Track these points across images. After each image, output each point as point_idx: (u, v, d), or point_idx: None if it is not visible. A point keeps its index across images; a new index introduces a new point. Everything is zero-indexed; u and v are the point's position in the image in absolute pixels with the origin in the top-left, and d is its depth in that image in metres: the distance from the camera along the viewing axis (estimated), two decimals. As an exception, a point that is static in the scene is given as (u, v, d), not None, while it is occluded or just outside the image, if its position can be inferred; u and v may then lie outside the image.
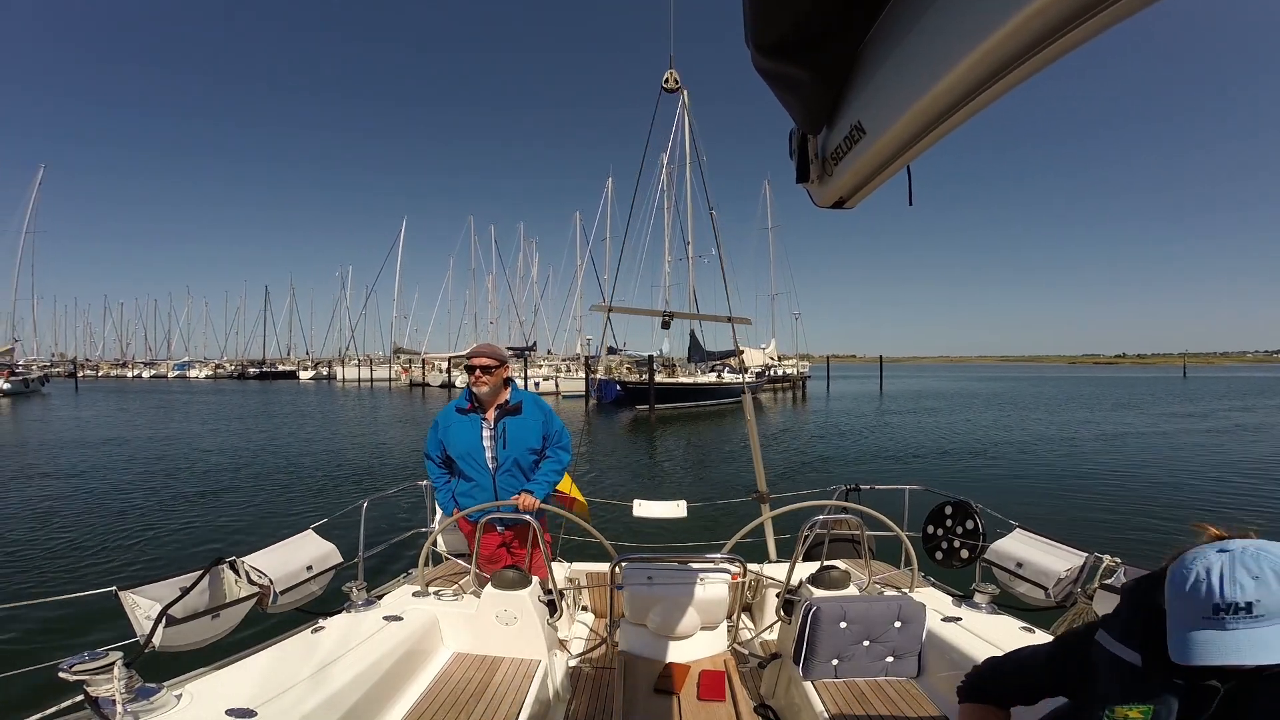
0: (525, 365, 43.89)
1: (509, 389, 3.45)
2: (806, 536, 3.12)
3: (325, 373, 77.47)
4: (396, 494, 4.16)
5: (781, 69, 1.05)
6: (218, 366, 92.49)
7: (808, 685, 2.46)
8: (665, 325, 4.44)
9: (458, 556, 3.66)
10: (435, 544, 3.45)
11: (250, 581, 2.50)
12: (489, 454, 3.33)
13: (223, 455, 16.29)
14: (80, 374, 71.80)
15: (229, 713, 1.75)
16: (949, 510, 3.28)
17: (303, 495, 11.49)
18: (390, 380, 62.56)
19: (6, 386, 40.99)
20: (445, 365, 55.18)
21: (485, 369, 3.30)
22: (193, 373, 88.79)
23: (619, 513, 4.30)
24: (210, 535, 8.72)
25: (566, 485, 3.80)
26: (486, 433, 3.34)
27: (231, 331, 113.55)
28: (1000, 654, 1.61)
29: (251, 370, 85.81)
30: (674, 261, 38.83)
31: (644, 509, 3.88)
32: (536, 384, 40.85)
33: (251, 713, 1.77)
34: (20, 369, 47.67)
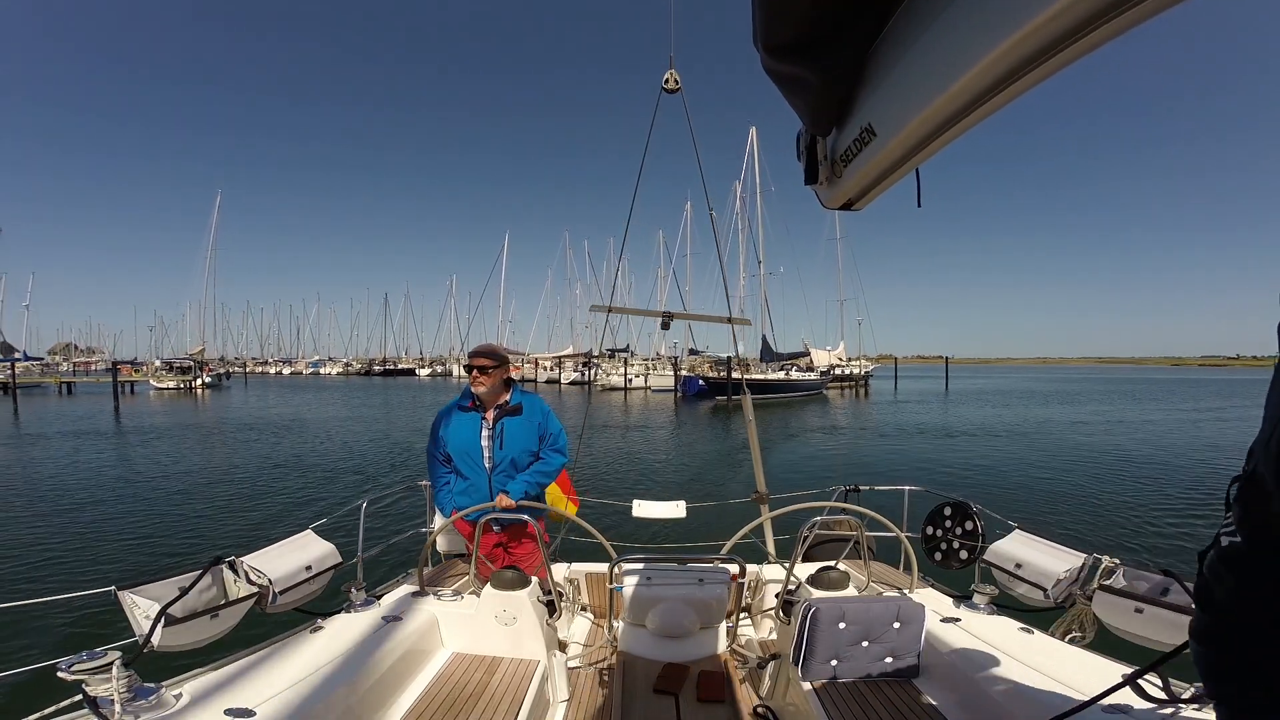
0: (625, 364, 52.44)
1: (510, 390, 3.44)
2: (805, 537, 3.11)
3: (440, 370, 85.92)
4: (396, 494, 4.18)
5: (791, 71, 1.05)
6: (347, 364, 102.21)
7: (807, 686, 2.45)
8: (665, 326, 4.41)
9: (457, 557, 3.69)
10: (434, 544, 3.46)
11: (249, 581, 2.49)
12: (486, 454, 3.32)
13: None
14: (229, 370, 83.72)
15: (228, 713, 1.76)
16: (948, 511, 3.25)
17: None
18: (504, 376, 68.11)
19: (209, 380, 54.88)
20: (549, 364, 65.78)
21: (482, 369, 3.29)
22: (324, 370, 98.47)
23: (619, 513, 4.32)
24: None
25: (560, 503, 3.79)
26: (485, 432, 3.34)
27: (354, 333, 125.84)
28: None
29: (376, 368, 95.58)
30: (748, 278, 47.03)
31: (643, 509, 3.85)
32: (630, 380, 49.90)
33: (250, 713, 1.78)
34: (212, 367, 61.14)
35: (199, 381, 52.84)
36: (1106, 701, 1.81)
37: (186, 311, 66.82)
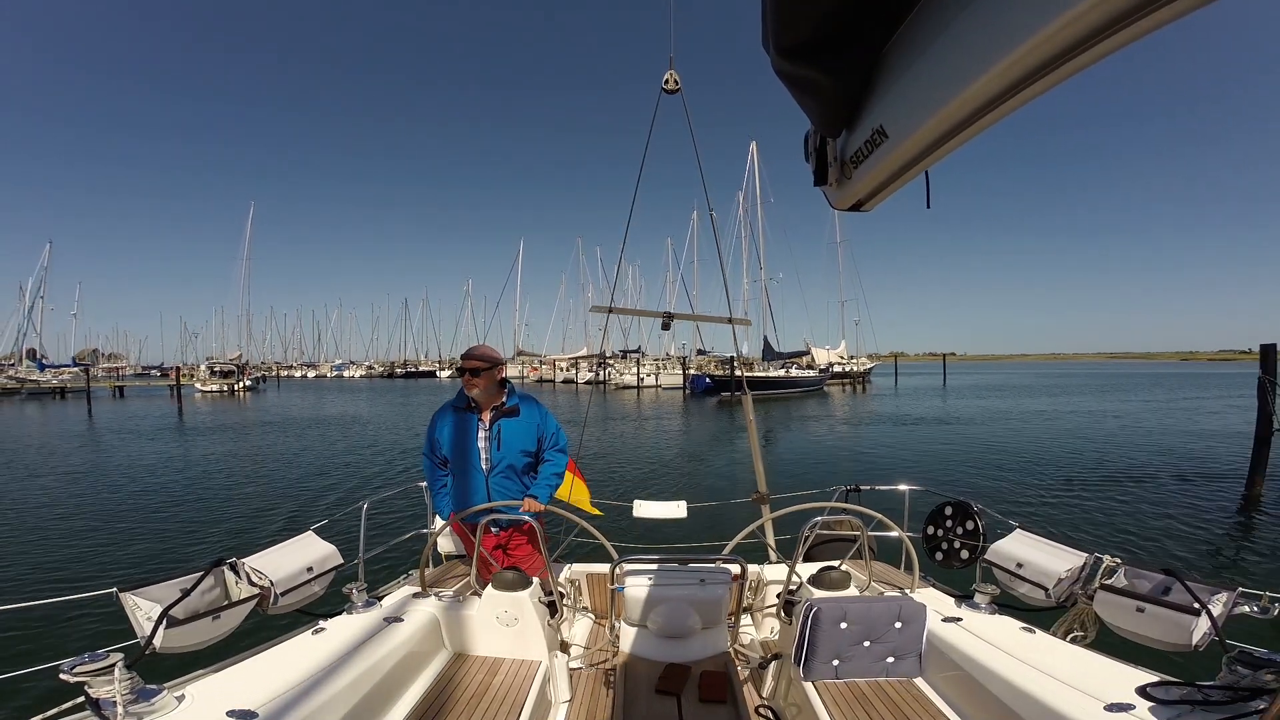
0: (638, 364, 56.36)
1: (506, 391, 3.42)
2: (807, 537, 3.10)
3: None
4: (397, 495, 4.17)
5: (802, 72, 1.04)
6: (369, 367, 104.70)
7: (808, 686, 2.45)
8: (666, 326, 4.42)
9: (458, 558, 3.68)
10: (435, 545, 3.46)
11: (251, 583, 2.49)
12: (483, 455, 3.29)
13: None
14: (264, 375, 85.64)
15: (230, 714, 1.76)
16: (949, 511, 3.24)
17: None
18: (522, 378, 71.40)
19: (249, 383, 59.13)
20: (566, 365, 68.59)
21: (475, 371, 3.26)
22: (348, 372, 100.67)
23: (619, 513, 4.30)
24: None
25: (567, 487, 3.79)
26: (482, 434, 3.31)
27: (374, 336, 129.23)
28: None
29: (398, 370, 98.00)
30: (751, 283, 50.48)
31: (644, 510, 3.86)
32: (642, 378, 53.78)
33: (252, 714, 1.78)
34: (250, 371, 65.20)
35: (241, 384, 56.47)
36: (1109, 701, 1.80)
37: (212, 317, 69.06)
